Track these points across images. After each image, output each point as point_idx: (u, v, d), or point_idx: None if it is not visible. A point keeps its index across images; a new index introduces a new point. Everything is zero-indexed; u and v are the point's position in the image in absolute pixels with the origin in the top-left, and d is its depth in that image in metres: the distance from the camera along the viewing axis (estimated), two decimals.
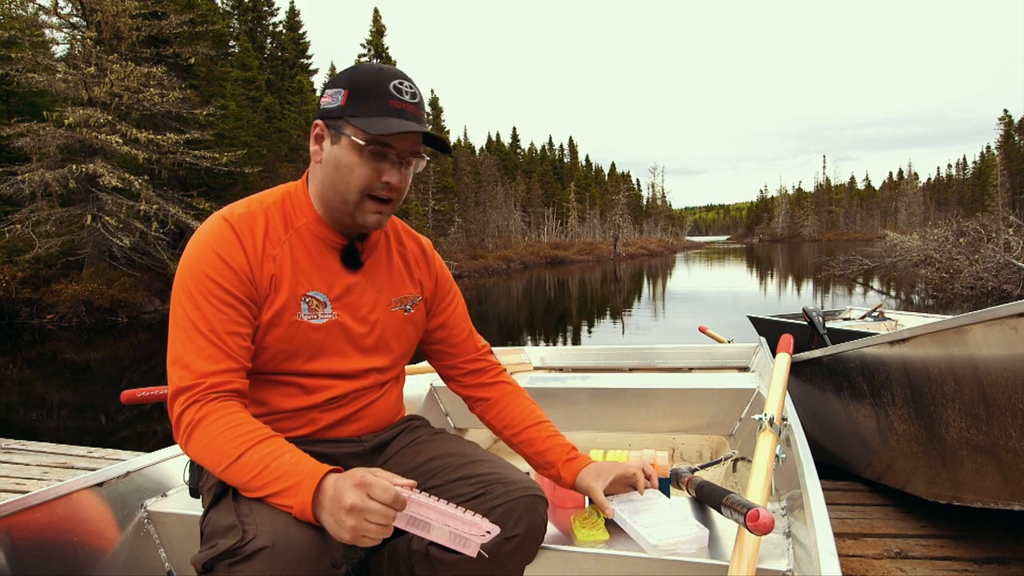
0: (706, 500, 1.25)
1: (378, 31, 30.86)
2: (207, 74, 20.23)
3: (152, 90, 15.78)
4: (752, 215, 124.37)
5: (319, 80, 31.89)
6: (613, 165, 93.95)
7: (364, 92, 1.06)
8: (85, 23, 16.14)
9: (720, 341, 3.64)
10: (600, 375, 2.66)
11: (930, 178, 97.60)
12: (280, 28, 30.52)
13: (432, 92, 38.33)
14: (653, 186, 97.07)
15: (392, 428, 1.29)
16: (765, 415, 1.47)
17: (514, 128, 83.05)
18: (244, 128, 20.38)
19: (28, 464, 3.16)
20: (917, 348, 1.72)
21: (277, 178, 20.45)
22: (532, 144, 75.02)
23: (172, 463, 1.56)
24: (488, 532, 0.91)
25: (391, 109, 1.05)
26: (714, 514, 1.30)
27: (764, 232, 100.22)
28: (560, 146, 76.27)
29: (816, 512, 1.10)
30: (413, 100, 1.08)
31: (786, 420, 1.62)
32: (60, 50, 18.19)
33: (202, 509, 1.06)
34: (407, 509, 0.86)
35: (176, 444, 1.13)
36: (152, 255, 15.73)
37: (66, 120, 14.54)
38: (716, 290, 19.85)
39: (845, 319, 5.88)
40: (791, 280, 22.93)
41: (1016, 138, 64.77)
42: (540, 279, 27.88)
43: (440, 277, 1.34)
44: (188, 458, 1.15)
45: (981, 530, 2.04)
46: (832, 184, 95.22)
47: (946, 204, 76.24)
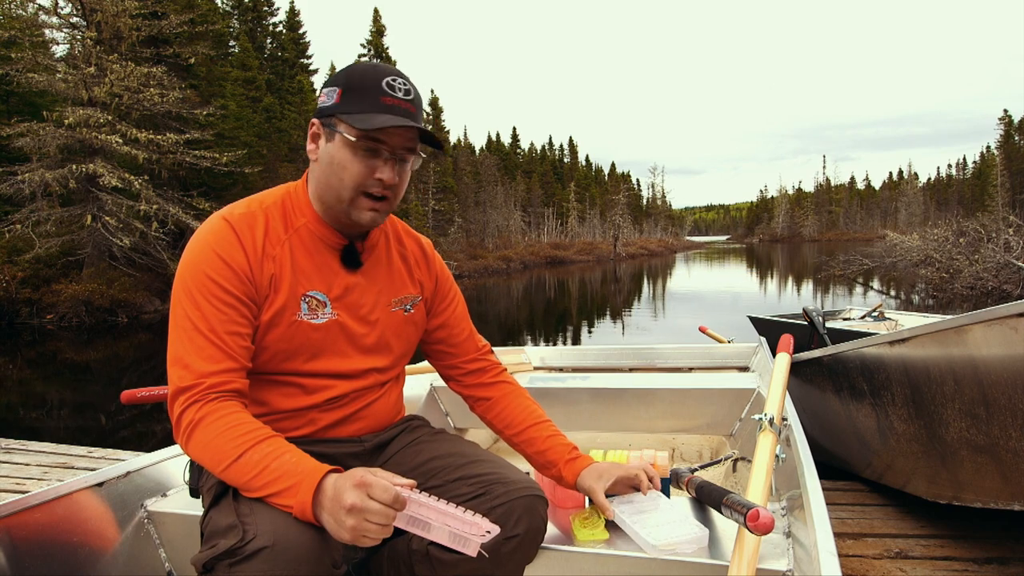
0: (706, 500, 1.25)
1: (378, 31, 30.87)
2: (207, 74, 20.23)
3: (152, 90, 15.78)
4: (752, 215, 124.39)
5: (319, 80, 31.88)
6: (613, 165, 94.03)
7: (357, 89, 1.07)
8: (85, 23, 16.14)
9: (720, 341, 3.65)
10: (600, 375, 2.66)
11: (930, 178, 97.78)
12: (280, 28, 30.54)
13: (432, 92, 38.35)
14: (653, 186, 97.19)
15: (392, 428, 1.29)
16: (765, 415, 1.47)
17: (514, 128, 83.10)
18: (244, 128, 20.39)
19: (28, 464, 3.16)
20: (917, 348, 1.72)
21: (277, 178, 20.45)
22: (532, 144, 75.12)
23: (172, 463, 1.56)
24: (488, 532, 0.91)
25: (382, 105, 1.05)
26: (714, 514, 1.30)
27: (764, 232, 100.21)
28: (560, 146, 76.35)
29: (816, 512, 1.10)
30: (407, 97, 1.08)
31: (786, 420, 1.62)
32: (60, 50, 18.22)
33: (202, 509, 1.06)
34: (407, 509, 0.86)
35: (176, 444, 1.13)
36: (152, 255, 15.73)
37: (66, 120, 14.54)
38: (716, 290, 19.85)
39: (845, 319, 5.88)
40: (791, 280, 22.93)
41: (1016, 138, 64.77)
42: (540, 279, 27.87)
43: (440, 277, 1.34)
44: (188, 458, 1.15)
45: (981, 530, 2.04)
46: (832, 184, 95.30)
47: (946, 204, 76.23)
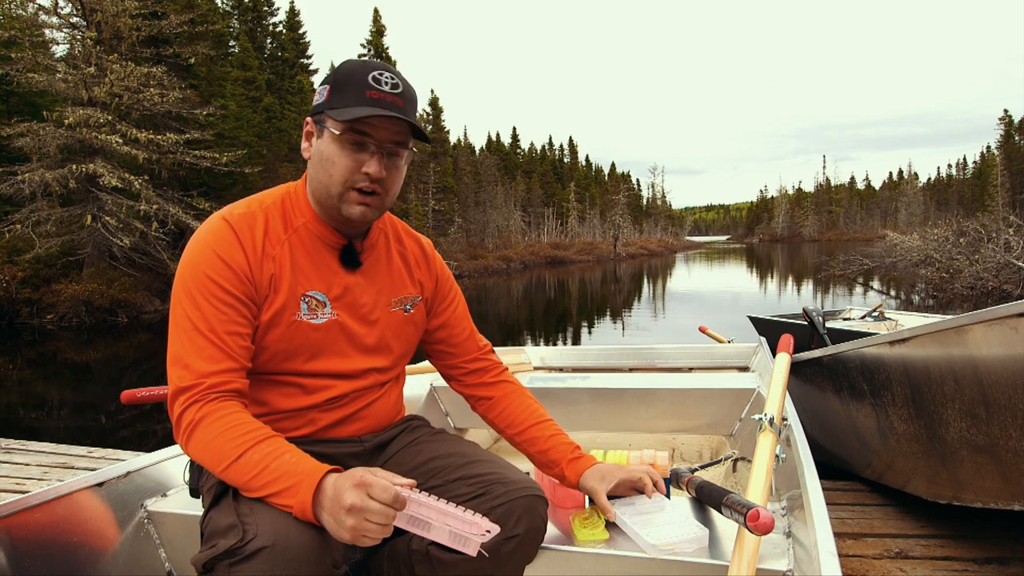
0: (706, 500, 1.25)
1: (378, 31, 30.88)
2: (207, 74, 20.23)
3: (152, 90, 15.77)
4: (752, 215, 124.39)
5: (319, 80, 31.80)
6: (613, 165, 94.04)
7: (344, 85, 1.07)
8: (85, 23, 16.14)
9: (720, 341, 3.65)
10: (600, 375, 2.66)
11: (930, 178, 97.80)
12: (280, 28, 30.55)
13: (432, 92, 38.32)
14: (653, 186, 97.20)
15: (392, 428, 1.29)
16: (765, 415, 1.47)
17: (514, 128, 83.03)
18: (244, 128, 20.39)
19: (28, 464, 3.16)
20: (917, 348, 1.72)
21: (277, 178, 20.45)
22: (532, 144, 75.13)
23: (172, 463, 1.56)
24: (488, 531, 0.91)
25: (368, 99, 1.05)
26: (714, 514, 1.30)
27: (764, 232, 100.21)
28: (560, 146, 76.36)
29: (816, 512, 1.10)
30: (394, 91, 1.08)
31: (786, 420, 1.62)
32: (60, 50, 18.21)
33: (202, 509, 1.06)
34: (407, 508, 0.86)
35: (176, 444, 1.13)
36: (152, 255, 15.73)
37: (66, 120, 14.54)
38: (716, 290, 19.84)
39: (845, 319, 5.88)
40: (791, 280, 22.92)
41: (1016, 138, 64.75)
42: (540, 279, 27.87)
43: (440, 277, 1.34)
44: (188, 458, 1.15)
45: (981, 530, 2.04)
46: (832, 184, 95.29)
47: (946, 204, 76.22)
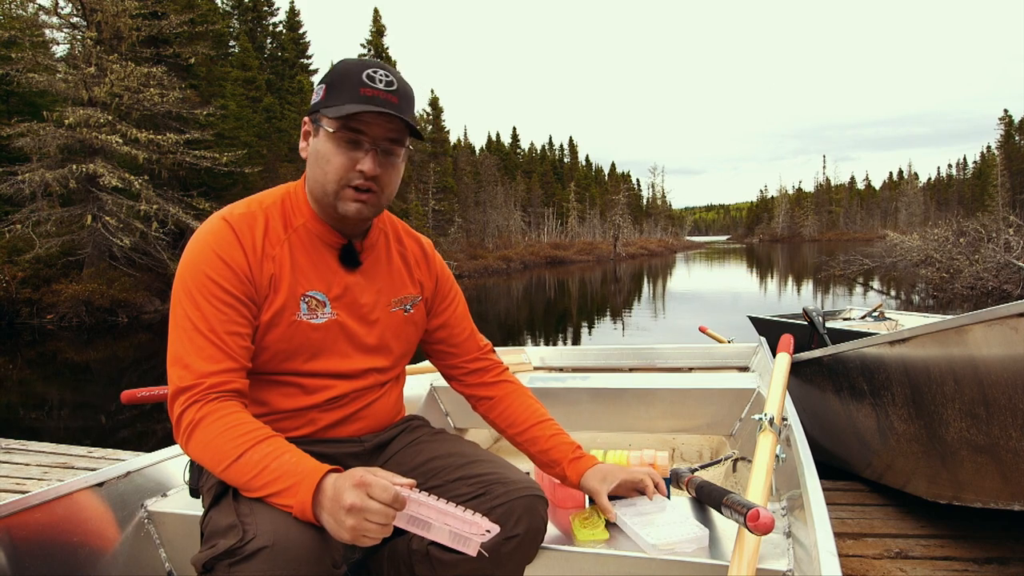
0: (706, 500, 1.25)
1: (378, 31, 30.88)
2: (207, 74, 20.23)
3: (152, 90, 15.78)
4: (752, 215, 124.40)
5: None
6: (613, 165, 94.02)
7: (339, 83, 1.08)
8: (85, 23, 16.14)
9: (720, 341, 3.65)
10: (600, 375, 2.66)
11: (930, 178, 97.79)
12: (280, 28, 30.55)
13: (432, 92, 38.33)
14: (653, 186, 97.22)
15: (392, 428, 1.29)
16: (765, 415, 1.47)
17: (514, 128, 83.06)
18: (244, 128, 20.39)
19: (28, 464, 3.16)
20: (917, 348, 1.72)
21: (277, 178, 20.46)
22: (532, 144, 75.11)
23: (172, 463, 1.56)
24: (488, 531, 0.91)
25: (361, 97, 1.06)
26: (714, 514, 1.30)
27: (764, 232, 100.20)
28: (560, 146, 76.35)
29: (816, 512, 1.09)
30: (388, 88, 1.08)
31: (786, 420, 1.62)
32: (60, 50, 18.22)
33: (202, 509, 1.06)
34: (407, 508, 0.86)
35: (176, 444, 1.13)
36: (152, 255, 15.73)
37: (66, 120, 14.54)
38: (716, 290, 19.85)
39: (845, 319, 5.88)
40: (791, 280, 22.92)
41: (1016, 138, 64.74)
42: (540, 279, 27.87)
43: (440, 277, 1.34)
44: (188, 458, 1.15)
45: (981, 530, 2.04)
46: (832, 184, 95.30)
47: (946, 204, 76.23)
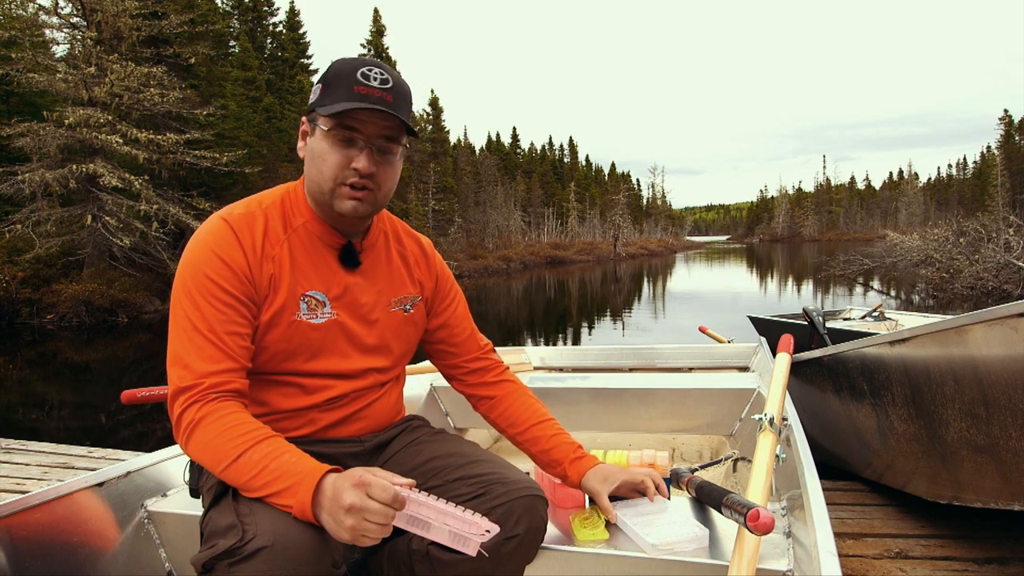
0: (706, 500, 1.25)
1: (378, 31, 30.89)
2: (207, 74, 20.22)
3: (152, 90, 15.78)
4: (752, 215, 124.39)
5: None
6: (613, 165, 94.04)
7: (334, 81, 1.08)
8: (85, 23, 16.14)
9: (720, 341, 3.65)
10: (600, 375, 2.66)
11: (930, 178, 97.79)
12: (280, 28, 30.55)
13: (432, 92, 38.35)
14: (653, 186, 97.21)
15: (392, 428, 1.29)
16: (765, 415, 1.47)
17: (514, 128, 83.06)
18: (244, 128, 20.38)
19: (28, 464, 3.16)
20: (917, 348, 1.72)
21: (277, 178, 20.45)
22: (532, 144, 75.12)
23: (172, 463, 1.56)
24: (488, 531, 0.91)
25: (355, 95, 1.06)
26: (714, 514, 1.30)
27: (764, 232, 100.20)
28: (560, 146, 76.36)
29: (816, 512, 1.09)
30: (383, 86, 1.08)
31: (786, 420, 1.62)
32: (60, 50, 18.22)
33: (202, 509, 1.06)
34: (406, 508, 0.86)
35: (176, 444, 1.13)
36: (152, 255, 15.73)
37: (66, 120, 14.54)
38: (716, 290, 19.84)
39: (845, 319, 5.88)
40: (791, 280, 22.92)
41: (1016, 138, 64.73)
42: (540, 279, 27.87)
43: (440, 277, 1.34)
44: (188, 458, 1.15)
45: (981, 530, 2.04)
46: (832, 184, 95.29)
47: (946, 204, 76.21)
